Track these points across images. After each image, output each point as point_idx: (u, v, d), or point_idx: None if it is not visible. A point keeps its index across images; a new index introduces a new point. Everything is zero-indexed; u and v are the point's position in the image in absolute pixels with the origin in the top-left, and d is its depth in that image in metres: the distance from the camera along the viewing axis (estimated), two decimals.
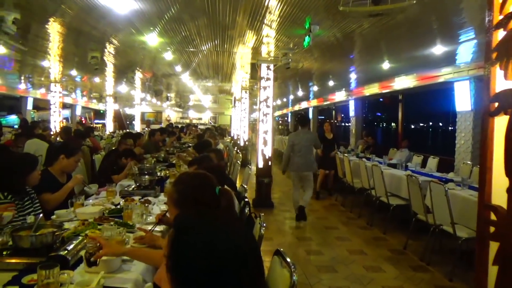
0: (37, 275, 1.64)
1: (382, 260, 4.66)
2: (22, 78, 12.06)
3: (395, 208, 5.63)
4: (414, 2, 3.17)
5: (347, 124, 16.98)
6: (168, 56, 7.63)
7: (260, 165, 7.33)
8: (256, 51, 7.08)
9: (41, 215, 2.52)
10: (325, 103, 15.76)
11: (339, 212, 7.05)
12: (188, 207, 1.60)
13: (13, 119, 15.22)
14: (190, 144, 9.55)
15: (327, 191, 8.43)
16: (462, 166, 6.68)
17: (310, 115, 17.95)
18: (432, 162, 7.43)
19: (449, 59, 6.52)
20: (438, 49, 5.80)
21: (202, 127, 18.56)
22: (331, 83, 10.91)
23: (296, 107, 21.35)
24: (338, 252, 4.92)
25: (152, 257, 1.98)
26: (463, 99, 6.95)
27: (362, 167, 6.71)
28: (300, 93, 14.82)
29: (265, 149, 7.33)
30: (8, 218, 2.20)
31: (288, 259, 1.71)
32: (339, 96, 13.43)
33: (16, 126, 12.80)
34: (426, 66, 7.53)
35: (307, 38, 4.98)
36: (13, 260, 1.95)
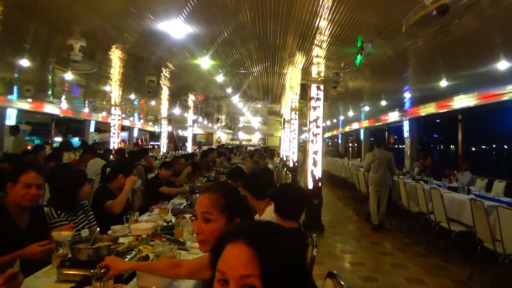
0: (93, 287, 1.67)
1: None
2: (86, 102, 12.98)
3: (456, 234, 5.22)
4: None
5: (400, 146, 16.31)
6: (220, 78, 7.86)
7: (310, 186, 7.19)
8: (306, 71, 7.08)
9: (98, 229, 2.61)
10: (377, 124, 15.30)
11: (394, 238, 6.68)
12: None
13: (76, 141, 16.32)
14: (240, 165, 9.64)
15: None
16: None
17: (362, 137, 17.50)
18: (498, 185, 6.87)
19: None
20: (503, 65, 5.45)
21: (251, 148, 18.75)
22: (383, 103, 10.61)
23: (347, 128, 20.95)
24: (394, 280, 4.63)
25: (161, 268, 1.94)
26: None
27: (419, 190, 6.34)
28: (350, 113, 14.54)
29: (315, 170, 7.19)
30: (66, 238, 2.32)
31: (343, 282, 1.62)
32: (392, 116, 12.99)
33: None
34: (489, 84, 7.10)
35: (359, 57, 4.90)
36: (71, 272, 2.03)
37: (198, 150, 15.80)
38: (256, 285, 0.79)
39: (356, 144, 21.64)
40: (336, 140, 26.51)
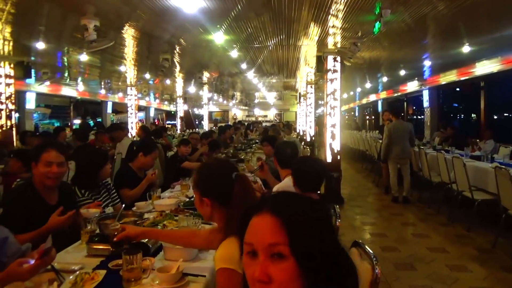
0: (122, 260, 1.72)
1: (468, 259, 4.27)
2: (102, 83, 13.08)
3: (480, 203, 5.13)
4: None
5: (419, 117, 15.96)
6: (234, 54, 7.76)
7: (329, 159, 7.15)
8: (321, 43, 6.92)
9: (123, 205, 2.66)
10: (396, 94, 14.96)
11: (415, 208, 6.63)
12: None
13: (90, 122, 16.56)
14: (257, 141, 9.66)
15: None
16: None
17: (379, 108, 17.19)
18: None
19: None
20: None
21: (267, 124, 18.68)
22: (402, 72, 10.32)
23: (364, 101, 20.60)
24: (416, 250, 4.62)
25: (176, 236, 1.99)
26: None
27: (441, 160, 6.23)
28: (368, 85, 14.24)
29: (333, 143, 7.13)
30: (94, 215, 2.39)
31: (369, 250, 1.61)
32: (411, 86, 12.67)
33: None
34: None
35: (377, 24, 4.73)
36: (101, 247, 2.08)
37: (214, 127, 15.86)
38: (284, 252, 0.79)
39: (373, 116, 21.32)
40: (353, 113, 26.16)
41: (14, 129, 7.77)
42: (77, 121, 16.37)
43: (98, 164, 3.08)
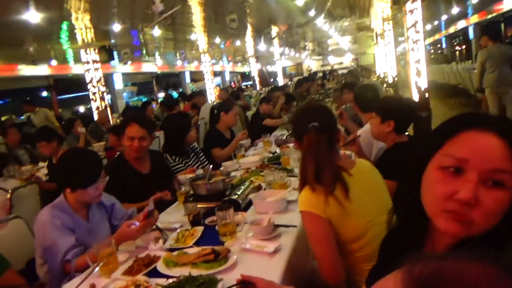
0: (216, 216, 1.81)
1: None
2: (177, 55, 13.58)
3: None
4: None
5: None
6: (301, 2, 7.41)
7: (416, 99, 6.63)
8: None
9: (211, 166, 2.78)
10: (489, 16, 13.11)
11: None
12: None
13: (175, 93, 17.45)
14: (337, 88, 9.31)
15: None
16: None
17: (471, 35, 15.30)
18: None
19: None
20: None
21: (344, 71, 17.91)
22: None
23: (451, 29, 18.48)
24: None
25: None
26: None
27: None
28: (455, 10, 12.67)
29: (419, 80, 6.57)
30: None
31: None
32: (508, 3, 10.95)
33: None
34: None
35: None
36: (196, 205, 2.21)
37: (289, 82, 15.68)
38: (506, 182, 0.70)
39: (464, 46, 19.13)
40: (439, 45, 23.74)
41: (108, 108, 8.53)
42: (161, 94, 17.39)
43: (183, 130, 3.24)
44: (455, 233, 0.73)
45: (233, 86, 21.60)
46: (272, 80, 22.80)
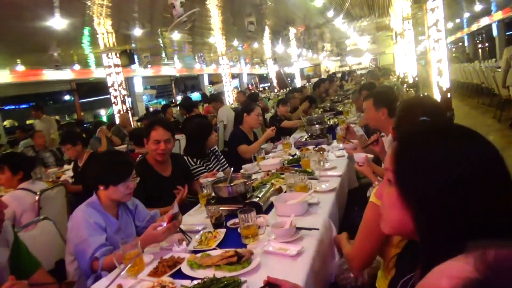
0: (239, 219, 1.82)
1: None
2: (196, 58, 13.71)
3: None
4: None
5: None
6: (319, 2, 7.38)
7: (437, 98, 6.51)
8: None
9: (232, 168, 2.80)
10: None
11: None
12: None
13: (195, 96, 17.63)
14: (356, 89, 9.23)
15: None
16: None
17: (495, 33, 14.89)
18: None
19: None
20: None
21: (363, 71, 17.71)
22: None
23: (474, 27, 18.03)
24: None
25: None
26: None
27: None
28: (477, 7, 12.36)
29: (440, 80, 6.45)
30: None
31: None
32: None
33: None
34: None
35: None
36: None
37: (307, 83, 15.61)
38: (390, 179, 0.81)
39: (487, 44, 18.65)
40: (461, 43, 23.21)
41: (129, 112, 8.68)
42: (180, 97, 17.60)
43: (205, 133, 3.26)
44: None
45: (250, 88, 21.66)
46: (290, 81, 22.75)
